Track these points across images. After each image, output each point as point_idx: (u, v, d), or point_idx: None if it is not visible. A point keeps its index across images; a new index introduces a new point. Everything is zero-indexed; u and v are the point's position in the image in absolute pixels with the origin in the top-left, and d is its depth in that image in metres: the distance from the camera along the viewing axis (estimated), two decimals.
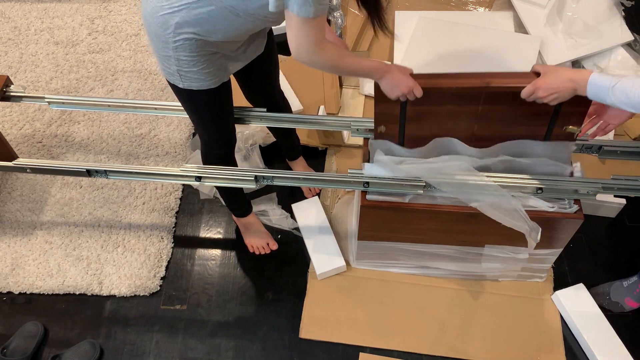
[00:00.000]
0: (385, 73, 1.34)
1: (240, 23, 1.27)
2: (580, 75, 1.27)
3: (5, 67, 2.56)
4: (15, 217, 2.08)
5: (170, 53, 1.31)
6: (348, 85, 2.40)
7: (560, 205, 1.54)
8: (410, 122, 1.50)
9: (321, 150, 2.22)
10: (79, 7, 2.81)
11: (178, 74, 1.35)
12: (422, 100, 1.39)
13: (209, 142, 1.64)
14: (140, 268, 1.94)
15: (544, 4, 2.44)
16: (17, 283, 1.92)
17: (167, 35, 1.27)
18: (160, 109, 1.81)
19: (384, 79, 1.35)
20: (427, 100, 1.40)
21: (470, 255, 1.76)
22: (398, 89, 1.35)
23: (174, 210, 2.09)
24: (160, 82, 2.49)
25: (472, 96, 1.42)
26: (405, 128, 1.52)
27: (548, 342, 1.75)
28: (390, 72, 1.35)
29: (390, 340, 1.77)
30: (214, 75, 1.38)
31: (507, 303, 1.83)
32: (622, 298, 1.78)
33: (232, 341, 1.79)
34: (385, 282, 1.88)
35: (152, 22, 1.28)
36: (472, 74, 1.41)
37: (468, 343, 1.76)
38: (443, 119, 1.49)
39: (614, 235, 2.00)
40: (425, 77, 1.40)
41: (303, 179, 1.65)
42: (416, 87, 1.36)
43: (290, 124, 1.74)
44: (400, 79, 1.35)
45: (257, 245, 1.97)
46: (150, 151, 2.26)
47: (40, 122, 2.35)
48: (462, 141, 1.54)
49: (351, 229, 1.96)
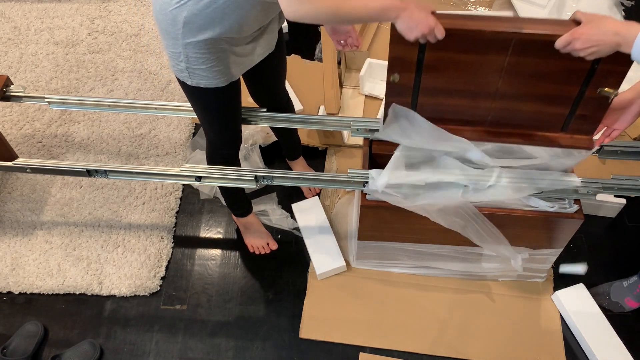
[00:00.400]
0: (401, 11, 1.18)
1: (246, 10, 1.25)
2: (628, 29, 1.10)
3: (5, 67, 2.56)
4: (16, 217, 2.08)
5: (180, 50, 1.30)
6: (348, 85, 2.40)
7: (561, 205, 1.54)
8: (428, 72, 1.34)
9: (321, 150, 2.22)
10: (79, 7, 2.81)
11: (187, 71, 1.35)
12: (444, 46, 1.24)
13: (215, 142, 1.63)
14: (140, 268, 1.94)
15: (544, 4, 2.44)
16: (17, 283, 1.92)
17: (177, 31, 1.26)
18: (160, 109, 1.81)
19: (400, 18, 1.19)
20: (449, 46, 1.25)
21: (470, 255, 1.76)
22: (417, 29, 1.18)
23: (174, 210, 2.09)
24: (161, 82, 2.49)
25: (500, 43, 1.25)
26: (422, 78, 1.36)
27: (548, 342, 1.75)
28: (408, 10, 1.19)
29: (391, 340, 1.77)
30: (223, 74, 1.37)
31: (507, 303, 1.83)
32: (622, 298, 1.78)
33: (232, 341, 1.79)
34: (386, 282, 1.88)
35: (161, 19, 1.28)
36: (503, 18, 1.25)
37: (468, 343, 1.76)
38: (464, 70, 1.33)
39: (614, 235, 2.00)
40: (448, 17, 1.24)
41: (303, 179, 1.65)
42: (437, 26, 1.19)
43: (290, 123, 1.74)
44: (419, 17, 1.19)
45: (257, 245, 1.97)
46: (150, 151, 2.26)
47: (40, 122, 2.35)
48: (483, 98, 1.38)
49: (351, 229, 1.96)
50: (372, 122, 1.66)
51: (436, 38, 1.21)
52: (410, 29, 1.19)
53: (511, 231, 1.62)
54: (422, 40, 1.22)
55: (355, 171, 1.57)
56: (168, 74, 2.52)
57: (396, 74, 1.35)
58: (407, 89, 1.39)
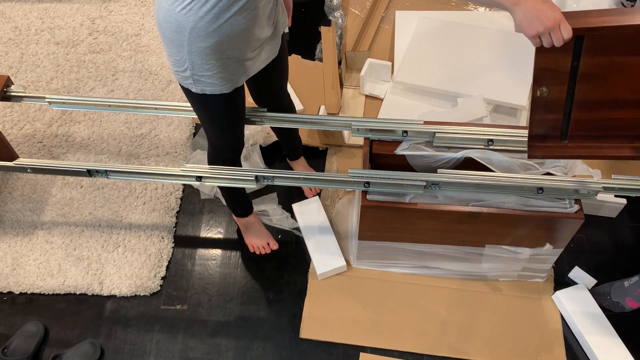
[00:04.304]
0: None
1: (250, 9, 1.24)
2: None
3: (6, 67, 2.56)
4: (16, 217, 2.08)
5: (185, 57, 1.29)
6: (349, 85, 2.40)
7: (561, 205, 1.54)
8: (585, 82, 1.14)
9: (322, 150, 2.22)
10: (79, 7, 2.81)
11: (192, 78, 1.33)
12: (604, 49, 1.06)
13: (218, 146, 1.63)
14: (140, 268, 1.94)
15: None
16: (17, 283, 1.92)
17: (182, 39, 1.25)
18: (160, 109, 1.81)
19: (519, 6, 1.05)
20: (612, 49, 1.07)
21: (470, 255, 1.76)
22: (539, 22, 1.03)
23: (174, 210, 2.09)
24: (161, 82, 2.49)
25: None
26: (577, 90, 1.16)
27: (548, 342, 1.75)
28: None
29: (391, 340, 1.77)
30: (227, 80, 1.36)
31: (507, 303, 1.83)
32: (623, 298, 1.78)
33: (233, 341, 1.79)
34: (386, 282, 1.88)
35: (166, 27, 1.26)
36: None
37: (469, 343, 1.75)
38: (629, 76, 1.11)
39: (615, 235, 1.99)
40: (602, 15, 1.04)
41: (304, 179, 1.65)
42: (564, 22, 1.03)
43: (290, 123, 1.74)
44: (543, 8, 1.03)
45: (258, 245, 1.97)
46: (150, 151, 2.26)
47: (40, 122, 2.35)
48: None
49: (352, 228, 1.96)
50: (373, 122, 1.66)
51: (562, 39, 1.05)
52: (530, 21, 1.04)
53: (511, 231, 1.62)
54: (546, 40, 1.06)
55: (356, 171, 1.57)
56: (168, 74, 2.52)
57: (544, 87, 1.17)
58: (558, 103, 1.19)
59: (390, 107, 2.27)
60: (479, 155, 1.59)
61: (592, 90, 1.15)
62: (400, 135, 1.64)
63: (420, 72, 2.26)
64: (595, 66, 1.11)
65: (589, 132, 1.24)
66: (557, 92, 1.18)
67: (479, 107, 2.06)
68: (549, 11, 1.03)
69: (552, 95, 1.18)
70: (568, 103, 1.20)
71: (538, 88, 1.18)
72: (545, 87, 1.17)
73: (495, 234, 1.64)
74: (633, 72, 1.11)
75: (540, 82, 1.17)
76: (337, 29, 2.38)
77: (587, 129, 1.23)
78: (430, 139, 1.64)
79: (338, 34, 2.35)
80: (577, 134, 1.24)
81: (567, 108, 1.21)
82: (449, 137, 1.61)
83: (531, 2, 1.04)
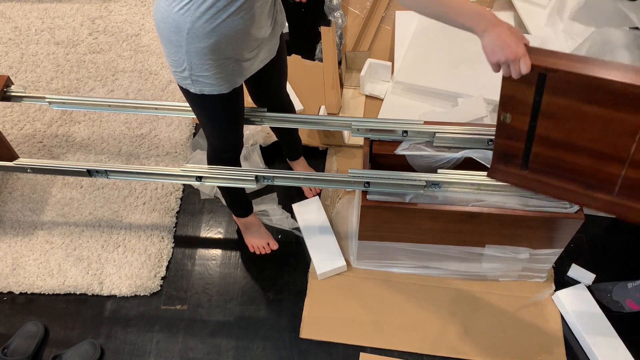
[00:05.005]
0: (491, 26, 1.07)
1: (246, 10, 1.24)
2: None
3: (6, 67, 2.56)
4: (16, 217, 2.08)
5: (183, 57, 1.29)
6: (349, 85, 2.40)
7: (561, 205, 1.54)
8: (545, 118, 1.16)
9: (322, 150, 2.22)
10: (79, 7, 2.81)
11: (190, 79, 1.33)
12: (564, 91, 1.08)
13: (217, 146, 1.63)
14: (140, 268, 1.94)
15: (545, 4, 2.44)
16: (17, 283, 1.92)
17: (180, 39, 1.25)
18: (160, 109, 1.81)
19: (487, 33, 1.08)
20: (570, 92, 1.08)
21: (470, 255, 1.76)
22: (502, 52, 1.07)
23: (174, 210, 2.09)
24: (161, 82, 2.49)
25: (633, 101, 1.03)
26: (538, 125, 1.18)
27: (548, 342, 1.75)
28: (499, 27, 1.07)
29: (391, 340, 1.77)
30: (226, 81, 1.35)
31: (507, 303, 1.83)
32: (624, 299, 1.78)
33: (233, 341, 1.79)
34: (386, 282, 1.88)
35: (164, 28, 1.26)
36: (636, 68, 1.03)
37: (469, 343, 1.75)
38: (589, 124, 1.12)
39: (615, 235, 1.99)
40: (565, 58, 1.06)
41: (304, 179, 1.65)
42: (525, 58, 1.06)
43: (291, 124, 1.74)
44: (509, 40, 1.06)
45: (258, 245, 1.97)
46: (150, 151, 2.26)
47: (40, 122, 2.35)
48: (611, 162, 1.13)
49: (352, 228, 1.96)
50: (373, 122, 1.66)
51: (519, 72, 1.08)
52: (493, 49, 1.08)
53: (511, 231, 1.62)
54: (504, 70, 1.10)
55: (356, 171, 1.57)
56: (168, 74, 2.52)
57: (508, 113, 1.19)
58: (520, 133, 1.22)
59: (390, 107, 2.27)
60: (479, 155, 1.59)
61: (551, 128, 1.17)
62: (400, 135, 1.64)
63: (420, 72, 2.26)
64: (556, 106, 1.12)
65: (548, 169, 1.25)
66: (520, 121, 1.20)
67: (479, 107, 2.06)
68: (513, 44, 1.06)
69: (515, 123, 1.20)
70: (529, 135, 1.22)
71: (502, 113, 1.21)
72: (509, 114, 1.20)
73: (495, 234, 1.64)
74: (590, 121, 1.11)
75: (505, 107, 1.20)
76: (337, 29, 2.38)
77: (546, 165, 1.25)
78: (430, 139, 1.64)
79: (338, 34, 2.35)
80: (537, 167, 1.26)
81: (528, 140, 1.23)
82: (449, 137, 1.61)
83: (499, 31, 1.07)
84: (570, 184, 1.25)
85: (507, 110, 1.20)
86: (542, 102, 1.13)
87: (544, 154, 1.23)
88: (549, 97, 1.12)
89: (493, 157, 1.34)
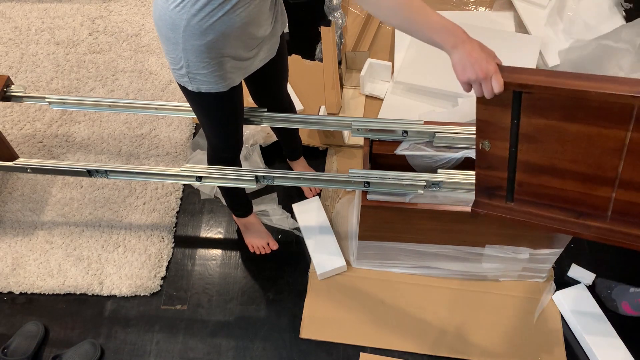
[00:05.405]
0: (461, 42, 1.03)
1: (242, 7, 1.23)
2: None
3: (6, 67, 2.56)
4: (16, 217, 2.08)
5: (180, 55, 1.29)
6: (349, 85, 2.40)
7: None
8: (526, 142, 1.09)
9: (322, 150, 2.22)
10: (79, 7, 2.81)
11: (188, 76, 1.33)
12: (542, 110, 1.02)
13: (216, 146, 1.63)
14: (140, 268, 1.94)
15: (545, 4, 2.44)
16: (17, 283, 1.92)
17: (177, 36, 1.25)
18: (160, 109, 1.81)
19: (457, 50, 1.03)
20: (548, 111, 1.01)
21: (471, 255, 1.76)
22: (472, 70, 1.02)
23: (174, 210, 2.09)
24: (161, 82, 2.49)
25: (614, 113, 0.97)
26: (519, 150, 1.11)
27: (549, 342, 1.75)
28: (469, 44, 1.02)
29: (391, 340, 1.77)
30: (224, 79, 1.35)
31: (507, 303, 1.83)
32: (621, 300, 1.78)
33: (233, 341, 1.79)
34: (386, 282, 1.88)
35: (161, 25, 1.27)
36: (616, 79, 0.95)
37: (469, 343, 1.75)
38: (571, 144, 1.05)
39: None
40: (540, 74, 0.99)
41: (304, 179, 1.65)
42: (497, 76, 1.01)
43: (291, 124, 1.74)
44: (479, 57, 1.02)
45: (258, 245, 1.97)
46: (150, 151, 2.26)
47: (40, 122, 2.35)
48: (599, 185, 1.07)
49: (352, 229, 1.96)
50: (373, 122, 1.66)
51: (491, 91, 1.02)
52: (464, 67, 1.03)
53: (511, 231, 1.62)
54: (476, 89, 1.04)
55: (356, 171, 1.57)
56: (168, 74, 2.52)
57: (487, 141, 1.12)
58: (502, 160, 1.14)
59: (390, 107, 2.27)
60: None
61: (533, 152, 1.09)
62: (400, 135, 1.64)
63: (420, 72, 2.26)
64: (535, 127, 1.06)
65: (535, 199, 1.18)
66: (500, 148, 1.12)
67: None
68: (484, 61, 1.01)
69: (496, 151, 1.13)
70: (512, 162, 1.14)
71: (480, 141, 1.14)
72: (487, 141, 1.13)
73: (495, 234, 1.64)
74: (572, 140, 1.04)
75: (482, 134, 1.13)
76: (337, 29, 2.37)
77: (532, 194, 1.17)
78: (430, 139, 1.64)
79: (338, 34, 2.35)
80: (523, 197, 1.18)
81: (510, 167, 1.15)
82: (449, 137, 1.61)
83: (469, 48, 1.02)
84: (560, 214, 1.17)
85: (484, 138, 1.13)
86: (521, 124, 1.07)
87: (529, 181, 1.16)
88: (527, 119, 1.05)
89: (476, 191, 1.28)
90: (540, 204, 1.17)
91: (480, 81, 1.02)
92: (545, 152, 1.08)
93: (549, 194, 1.15)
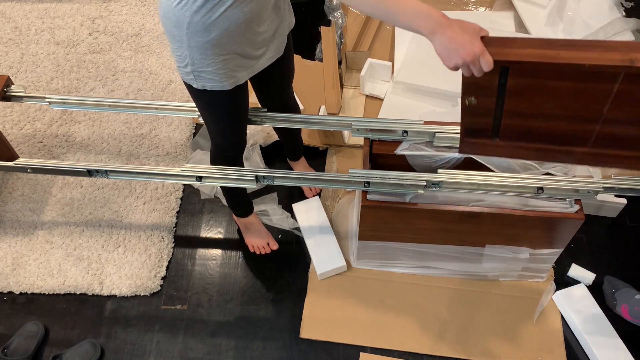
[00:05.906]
0: (439, 27, 0.98)
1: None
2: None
3: (6, 67, 2.56)
4: (16, 217, 2.08)
5: (185, 52, 1.29)
6: (349, 85, 2.40)
7: (561, 205, 1.54)
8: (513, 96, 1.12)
9: (322, 150, 2.22)
10: (79, 7, 2.82)
11: (193, 74, 1.33)
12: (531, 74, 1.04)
13: (220, 144, 1.63)
14: (140, 268, 1.94)
15: (545, 4, 2.44)
16: (17, 283, 1.92)
17: (181, 34, 1.25)
18: (161, 109, 1.81)
19: (437, 36, 0.99)
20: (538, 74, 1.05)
21: (471, 255, 1.76)
22: (457, 55, 0.98)
23: (174, 210, 2.09)
24: (161, 82, 2.49)
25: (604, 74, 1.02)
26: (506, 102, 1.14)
27: (549, 342, 1.75)
28: (449, 29, 0.98)
29: (391, 340, 1.77)
30: (228, 77, 1.35)
31: (507, 303, 1.83)
32: (622, 302, 1.77)
33: (233, 341, 1.79)
34: (386, 282, 1.88)
35: (166, 22, 1.27)
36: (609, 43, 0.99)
37: (469, 343, 1.75)
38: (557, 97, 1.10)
39: (615, 235, 1.99)
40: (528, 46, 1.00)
41: (304, 179, 1.65)
42: (485, 55, 0.98)
43: (291, 123, 1.74)
44: (462, 40, 0.97)
45: (258, 245, 1.97)
46: (150, 151, 2.26)
47: (41, 122, 2.35)
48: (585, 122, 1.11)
49: (352, 228, 1.96)
50: (373, 122, 1.66)
51: (481, 71, 1.00)
52: (448, 53, 0.99)
53: (511, 231, 1.62)
54: (465, 72, 1.01)
55: (356, 171, 1.57)
56: (168, 74, 2.52)
57: (472, 97, 1.13)
58: (487, 111, 1.17)
59: (390, 107, 2.27)
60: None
61: (520, 103, 1.12)
62: (400, 135, 1.64)
63: (420, 72, 2.26)
64: (522, 86, 1.08)
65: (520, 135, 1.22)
66: (487, 102, 1.15)
67: None
68: (468, 44, 0.97)
69: (482, 104, 1.15)
70: (498, 111, 1.17)
71: (467, 98, 1.15)
72: (473, 98, 1.14)
73: (495, 234, 1.64)
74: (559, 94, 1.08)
75: (468, 93, 1.14)
76: (337, 29, 2.37)
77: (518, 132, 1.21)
78: (430, 139, 1.64)
79: (338, 34, 2.35)
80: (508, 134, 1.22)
81: (497, 115, 1.18)
82: (449, 137, 1.61)
83: (450, 33, 0.98)
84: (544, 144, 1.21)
85: (470, 95, 1.13)
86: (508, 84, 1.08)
87: (515, 124, 1.19)
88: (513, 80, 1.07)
89: (461, 134, 1.28)
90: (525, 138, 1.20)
91: (468, 64, 0.99)
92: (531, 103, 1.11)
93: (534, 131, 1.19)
